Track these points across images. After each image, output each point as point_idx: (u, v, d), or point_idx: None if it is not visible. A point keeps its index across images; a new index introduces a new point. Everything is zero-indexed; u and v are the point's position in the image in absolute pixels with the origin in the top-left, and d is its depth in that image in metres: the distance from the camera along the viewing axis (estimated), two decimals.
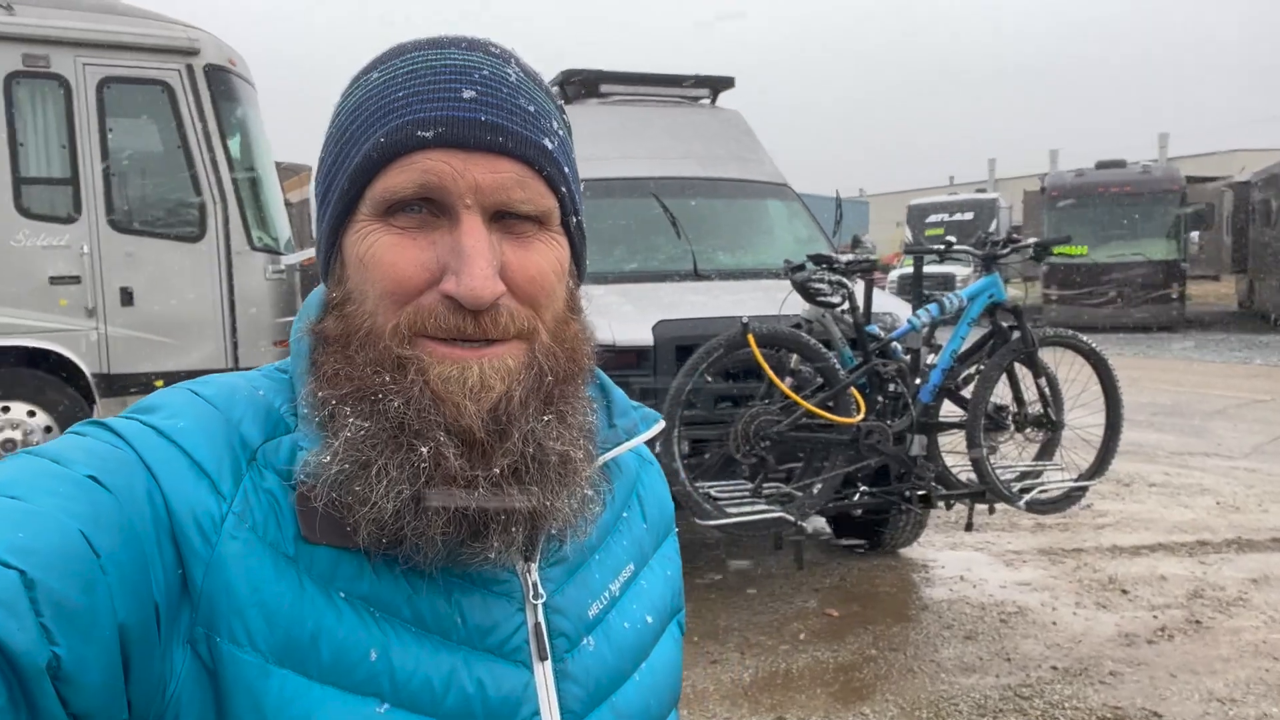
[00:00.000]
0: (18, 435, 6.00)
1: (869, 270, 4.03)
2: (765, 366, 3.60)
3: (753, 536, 4.11)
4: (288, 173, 12.82)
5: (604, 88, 6.27)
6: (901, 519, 5.06)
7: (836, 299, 3.83)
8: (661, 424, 0.86)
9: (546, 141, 0.69)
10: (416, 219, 0.65)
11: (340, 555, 0.64)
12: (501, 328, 0.66)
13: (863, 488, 4.09)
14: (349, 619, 0.63)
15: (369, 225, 0.66)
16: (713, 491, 3.78)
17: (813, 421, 3.70)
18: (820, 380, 3.81)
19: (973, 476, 4.04)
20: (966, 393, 4.08)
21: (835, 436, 3.77)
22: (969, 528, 4.40)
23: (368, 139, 0.66)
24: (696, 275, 5.26)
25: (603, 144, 5.84)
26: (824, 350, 3.76)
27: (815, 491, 3.81)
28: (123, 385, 6.30)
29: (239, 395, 0.69)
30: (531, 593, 0.71)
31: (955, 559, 5.42)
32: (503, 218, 0.67)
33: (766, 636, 4.33)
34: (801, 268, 3.92)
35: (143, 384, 6.34)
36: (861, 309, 4.06)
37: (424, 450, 0.63)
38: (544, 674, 0.70)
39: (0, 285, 5.91)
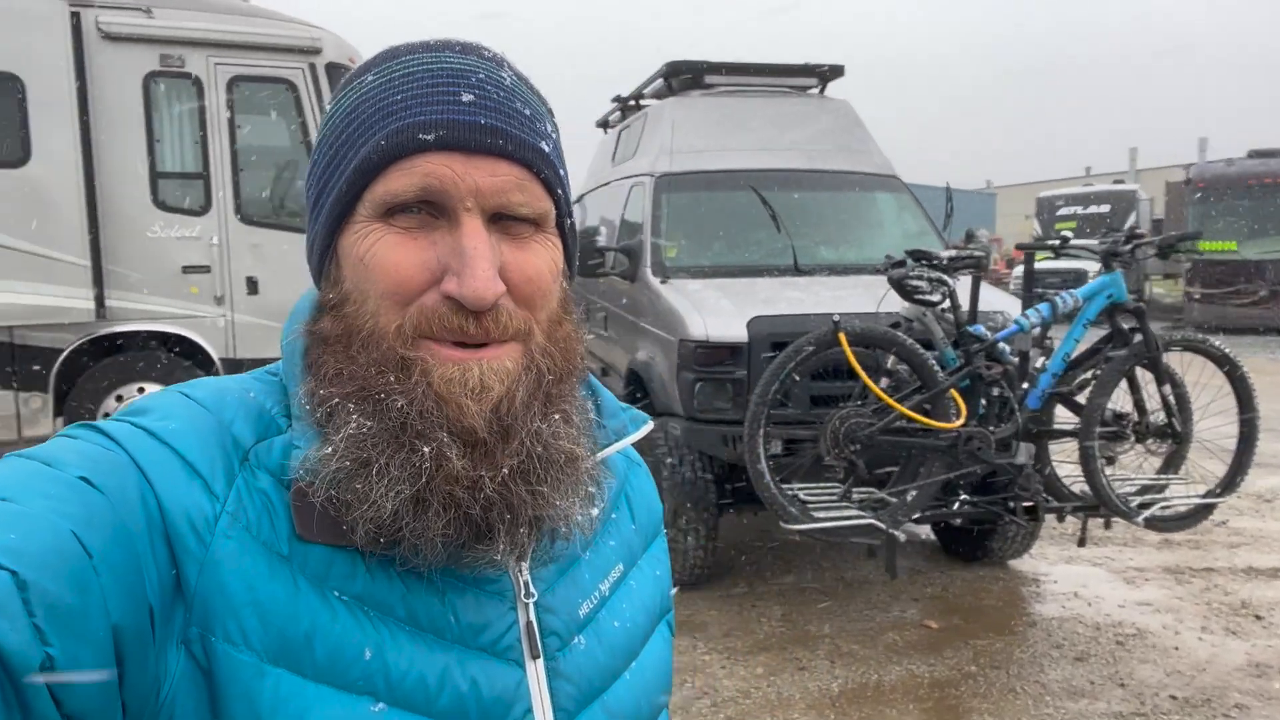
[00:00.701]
0: None
1: (974, 266, 3.81)
2: (856, 366, 3.47)
3: (842, 542, 3.97)
4: None
5: (709, 79, 6.19)
6: (1010, 529, 4.80)
7: (935, 297, 3.65)
8: (650, 425, 0.85)
9: (543, 144, 0.69)
10: (416, 220, 0.66)
11: (335, 554, 0.65)
12: (501, 328, 0.66)
13: (963, 496, 3.89)
14: (343, 618, 0.64)
15: (368, 226, 0.66)
16: (801, 494, 3.67)
17: (908, 425, 3.54)
18: (918, 382, 3.64)
19: (1086, 488, 3.78)
20: (1082, 399, 3.82)
21: (932, 441, 3.59)
22: (1081, 543, 4.13)
23: (366, 141, 0.66)
24: (797, 270, 5.13)
25: (705, 136, 5.77)
26: (921, 351, 3.59)
27: (909, 498, 3.65)
28: (247, 370, 6.63)
29: (229, 397, 0.69)
30: (523, 592, 0.71)
31: (1070, 574, 5.12)
32: (500, 219, 0.67)
33: (859, 645, 4.19)
34: (902, 264, 3.76)
35: None
36: (965, 308, 3.86)
37: (426, 450, 0.63)
38: (536, 672, 0.71)
39: (137, 273, 6.32)
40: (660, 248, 5.27)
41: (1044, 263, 15.27)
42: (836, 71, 6.42)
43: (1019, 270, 18.30)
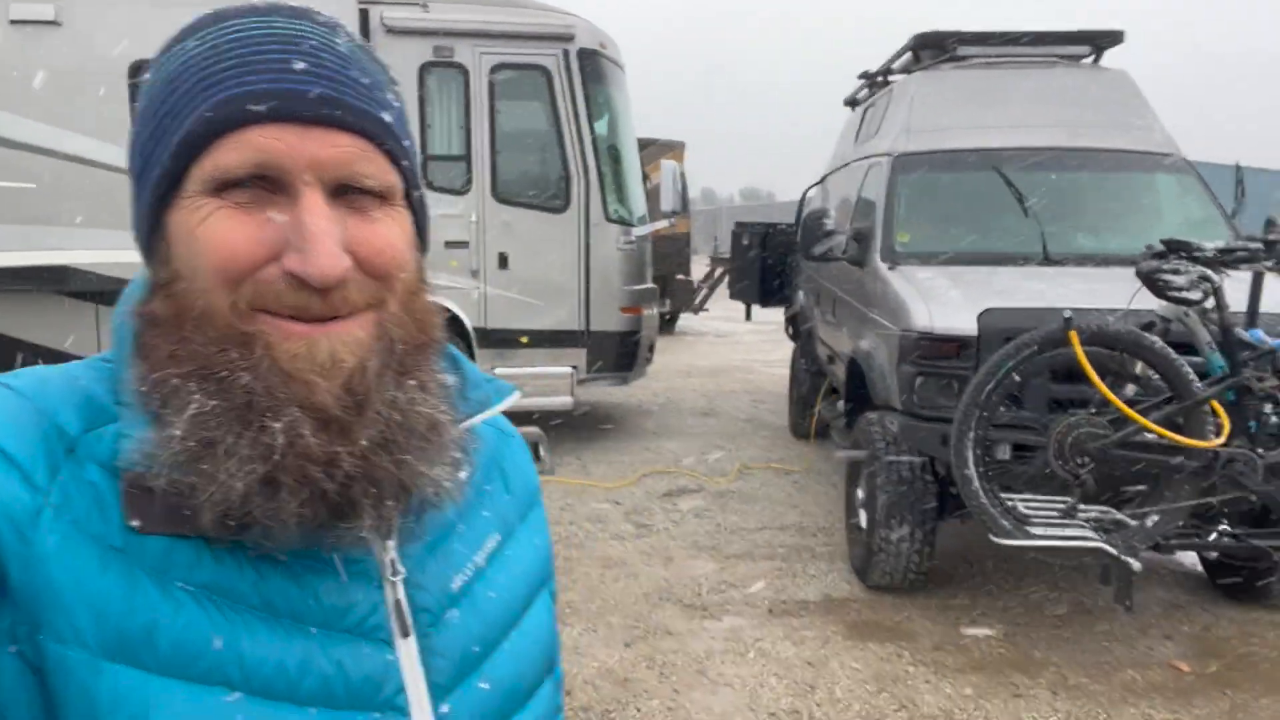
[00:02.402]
0: None
1: (1251, 260, 3.25)
2: (1089, 369, 3.08)
3: (1072, 564, 3.57)
4: (662, 149, 13.55)
5: (961, 50, 5.75)
6: None
7: (1194, 295, 3.15)
8: (517, 396, 0.82)
9: (384, 114, 0.66)
10: (250, 194, 0.62)
11: (175, 544, 0.62)
12: (351, 304, 0.64)
13: (1224, 527, 3.35)
14: (189, 609, 0.61)
15: (198, 201, 0.63)
16: (1021, 506, 3.34)
17: (1152, 440, 3.10)
18: (1171, 392, 3.17)
19: None
20: None
21: (1180, 461, 3.12)
22: None
23: (190, 113, 0.62)
24: (1046, 259, 4.65)
25: (951, 112, 5.37)
26: (1175, 356, 3.12)
27: (1150, 524, 3.20)
28: (497, 339, 7.13)
29: (51, 385, 0.66)
30: (389, 570, 0.69)
31: None
32: (345, 193, 0.64)
33: (1090, 680, 3.77)
34: (1162, 255, 3.28)
35: (511, 339, 7.13)
36: (1234, 309, 3.30)
37: (277, 427, 0.60)
38: (408, 650, 0.69)
39: None
40: (892, 232, 5.00)
41: None
42: (1114, 38, 5.73)
43: None
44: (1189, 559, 4.89)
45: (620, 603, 4.35)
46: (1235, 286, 3.56)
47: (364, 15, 6.64)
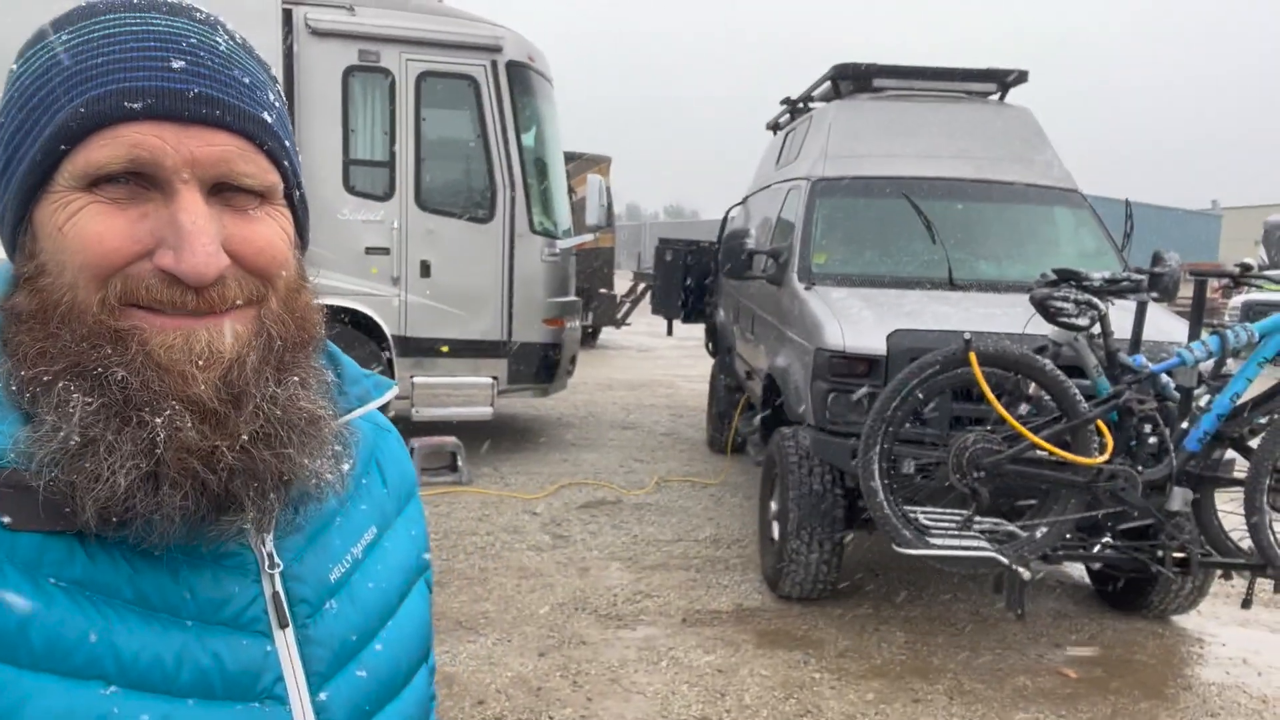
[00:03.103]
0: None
1: (1135, 290, 3.49)
2: (985, 388, 3.26)
3: (970, 573, 3.75)
4: (589, 163, 13.64)
5: (877, 82, 5.99)
6: (1175, 581, 4.37)
7: (1082, 321, 3.36)
8: (395, 390, 0.84)
9: (265, 114, 0.66)
10: (125, 190, 0.62)
11: (46, 541, 0.62)
12: (229, 300, 0.64)
13: (1106, 539, 3.58)
14: (61, 604, 0.61)
15: (69, 196, 0.62)
16: (922, 518, 3.50)
17: (1043, 456, 3.29)
18: (1060, 411, 3.38)
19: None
20: (1256, 444, 3.42)
21: (1067, 476, 3.33)
22: (1246, 604, 3.70)
23: (61, 107, 0.61)
24: (951, 285, 4.88)
25: (867, 141, 5.59)
26: (1063, 378, 3.32)
27: (1039, 535, 3.40)
28: (415, 347, 7.07)
29: None
30: (267, 563, 0.70)
31: (1241, 637, 4.59)
32: (222, 191, 0.64)
33: (984, 685, 3.95)
34: (1054, 284, 3.50)
35: (431, 348, 7.08)
36: (1119, 335, 3.54)
37: (157, 422, 0.60)
38: (286, 640, 0.70)
39: (326, 252, 6.86)
40: (809, 253, 5.17)
41: (1266, 293, 13.71)
42: (1020, 77, 6.05)
43: (1236, 301, 16.52)
44: (1077, 570, 5.17)
45: (535, 613, 4.38)
46: (1120, 314, 3.81)
47: (288, 15, 6.55)
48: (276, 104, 0.69)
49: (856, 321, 4.37)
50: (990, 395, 3.28)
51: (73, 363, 0.61)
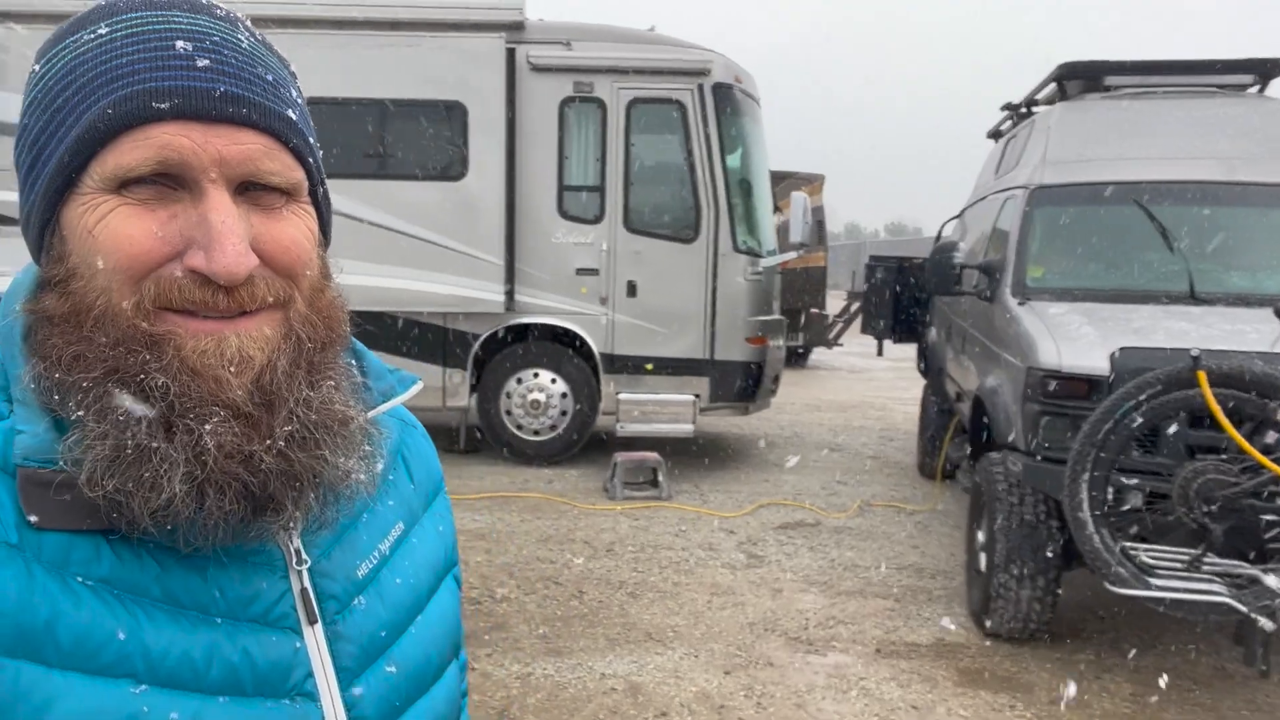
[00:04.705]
0: (542, 397, 7.32)
1: None
2: (1218, 412, 2.88)
3: (1203, 621, 3.32)
4: (800, 182, 13.50)
5: (1109, 80, 5.51)
6: None
7: None
8: (419, 386, 0.83)
9: (289, 111, 0.66)
10: (153, 191, 0.62)
11: (74, 539, 0.62)
12: (258, 299, 0.64)
13: None
14: (89, 603, 0.62)
15: (98, 198, 0.62)
16: (1144, 555, 3.14)
17: None
18: None
19: None
20: None
21: None
22: None
23: (89, 108, 0.62)
24: (1192, 298, 4.38)
25: (1094, 144, 5.16)
26: None
27: None
28: (621, 365, 7.29)
29: None
30: (294, 559, 0.70)
31: None
32: (249, 190, 0.65)
33: None
34: None
35: (636, 365, 7.27)
36: None
37: (205, 429, 0.61)
38: (315, 637, 0.70)
39: (541, 273, 7.25)
40: (1024, 266, 4.83)
41: None
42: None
43: None
44: None
45: (724, 630, 4.35)
46: None
47: (510, 54, 7.00)
48: (299, 100, 0.69)
49: (1075, 339, 4.03)
50: (1223, 419, 2.90)
51: (111, 368, 0.62)
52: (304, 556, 0.71)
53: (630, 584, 4.88)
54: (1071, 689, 3.76)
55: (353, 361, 0.79)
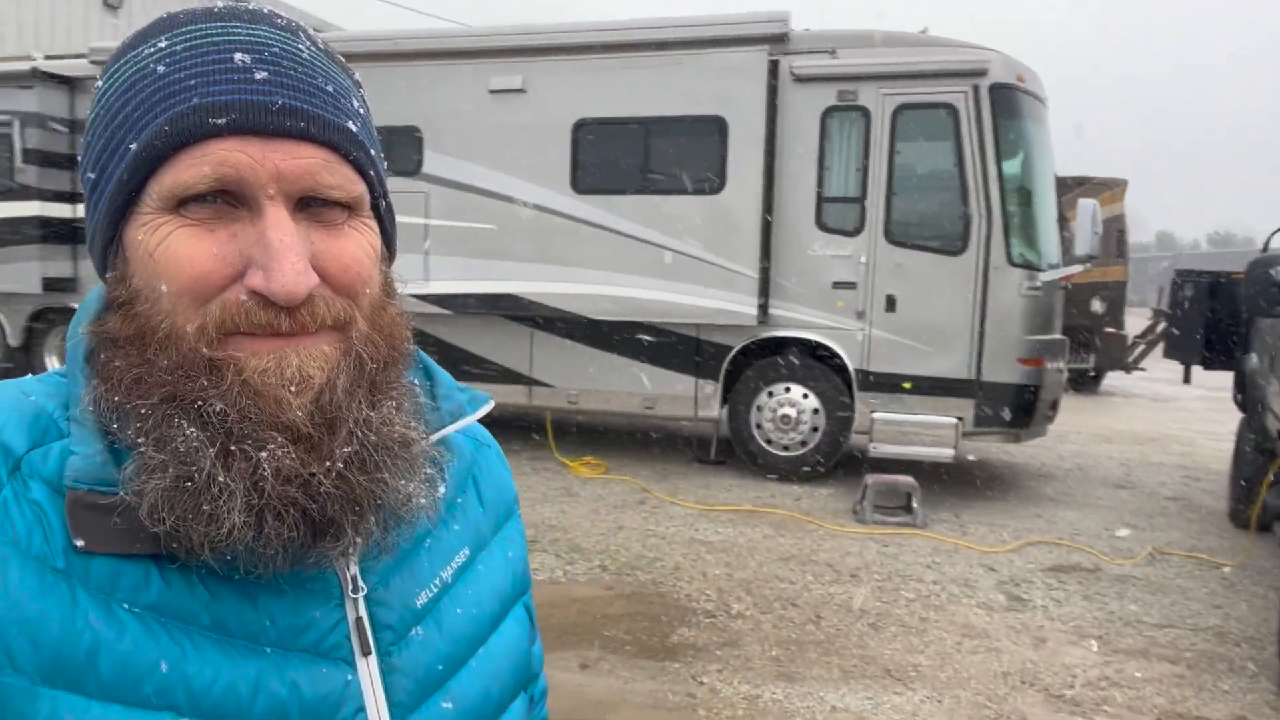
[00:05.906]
0: (793, 412, 7.17)
1: None
2: None
3: None
4: (1097, 188, 12.25)
5: None
6: None
7: None
8: (490, 405, 0.79)
9: (350, 124, 0.64)
10: (212, 210, 0.61)
11: (122, 565, 0.61)
12: (318, 319, 0.63)
13: None
14: (133, 631, 0.60)
15: (158, 218, 0.61)
16: None
17: None
18: None
19: None
20: None
21: None
22: None
23: (148, 125, 0.61)
24: None
25: None
26: None
27: None
28: (876, 383, 6.98)
29: (1, 402, 0.64)
30: (350, 587, 0.67)
31: None
32: (309, 205, 0.63)
33: None
34: None
35: (893, 384, 6.93)
36: None
37: (262, 456, 0.60)
38: (369, 669, 0.67)
39: (796, 286, 7.11)
40: None
41: None
42: None
43: None
44: None
45: (974, 677, 3.99)
46: None
47: (773, 66, 6.95)
48: (361, 111, 0.67)
49: None
50: None
51: (169, 394, 0.60)
52: (361, 583, 0.68)
53: (872, 614, 4.62)
54: None
55: (417, 381, 0.76)
